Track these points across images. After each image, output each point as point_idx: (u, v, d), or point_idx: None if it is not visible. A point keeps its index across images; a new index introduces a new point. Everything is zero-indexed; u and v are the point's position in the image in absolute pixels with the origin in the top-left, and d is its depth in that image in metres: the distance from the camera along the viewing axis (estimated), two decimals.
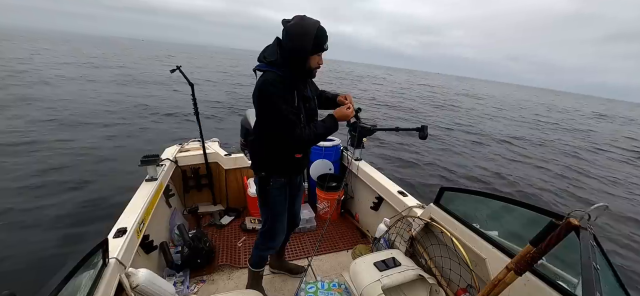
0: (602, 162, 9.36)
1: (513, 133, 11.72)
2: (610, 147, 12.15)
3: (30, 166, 5.01)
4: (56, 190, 4.33)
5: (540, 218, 1.20)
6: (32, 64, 17.90)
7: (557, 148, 10.30)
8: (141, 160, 2.22)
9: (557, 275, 1.18)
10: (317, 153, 2.89)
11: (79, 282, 1.07)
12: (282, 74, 1.32)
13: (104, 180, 4.72)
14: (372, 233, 2.55)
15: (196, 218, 2.68)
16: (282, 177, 1.57)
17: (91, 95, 10.87)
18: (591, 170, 8.00)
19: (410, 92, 26.66)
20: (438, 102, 19.98)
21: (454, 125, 11.70)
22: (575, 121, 21.06)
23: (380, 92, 21.70)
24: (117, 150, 6.17)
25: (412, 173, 5.88)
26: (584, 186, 6.64)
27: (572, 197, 5.90)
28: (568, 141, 12.06)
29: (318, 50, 1.32)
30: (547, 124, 16.87)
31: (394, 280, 1.49)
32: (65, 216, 3.69)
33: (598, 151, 10.99)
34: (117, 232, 1.56)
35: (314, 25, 1.26)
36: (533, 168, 7.33)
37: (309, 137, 1.39)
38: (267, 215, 1.67)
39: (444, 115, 14.33)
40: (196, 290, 1.99)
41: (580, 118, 24.13)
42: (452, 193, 1.68)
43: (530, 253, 0.83)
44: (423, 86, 37.01)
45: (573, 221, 0.76)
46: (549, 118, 19.84)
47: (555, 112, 26.25)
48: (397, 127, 2.50)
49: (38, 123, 7.12)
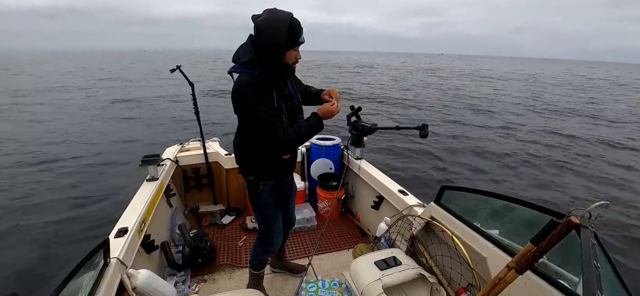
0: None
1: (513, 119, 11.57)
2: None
3: (30, 165, 5.03)
4: (56, 189, 4.34)
5: (541, 217, 1.20)
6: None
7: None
8: (142, 160, 2.22)
9: (558, 274, 1.18)
10: (318, 152, 2.89)
11: (80, 282, 1.08)
12: (258, 74, 1.23)
13: (105, 180, 4.73)
14: (372, 232, 2.55)
15: (197, 218, 2.69)
16: (271, 178, 1.51)
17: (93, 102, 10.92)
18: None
19: (410, 78, 25.89)
20: (440, 89, 19.32)
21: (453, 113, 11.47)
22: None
23: (372, 85, 20.82)
24: (117, 150, 6.18)
25: (412, 173, 5.88)
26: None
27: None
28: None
29: (293, 44, 1.22)
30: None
31: (395, 279, 1.49)
32: (66, 216, 3.71)
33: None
34: (118, 232, 1.56)
35: (286, 18, 1.16)
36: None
37: (292, 138, 1.31)
38: (261, 219, 1.63)
39: (444, 102, 13.96)
40: (197, 290, 2.00)
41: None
42: (452, 192, 1.67)
43: (531, 251, 0.83)
44: (427, 71, 35.94)
45: (574, 219, 0.76)
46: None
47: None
48: (398, 126, 2.50)
49: (37, 123, 7.14)
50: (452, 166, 6.37)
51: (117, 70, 27.22)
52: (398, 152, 6.96)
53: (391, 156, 6.70)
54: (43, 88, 14.82)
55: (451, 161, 6.61)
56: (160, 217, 2.22)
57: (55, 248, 3.13)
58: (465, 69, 41.10)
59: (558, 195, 5.28)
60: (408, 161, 6.52)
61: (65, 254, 3.05)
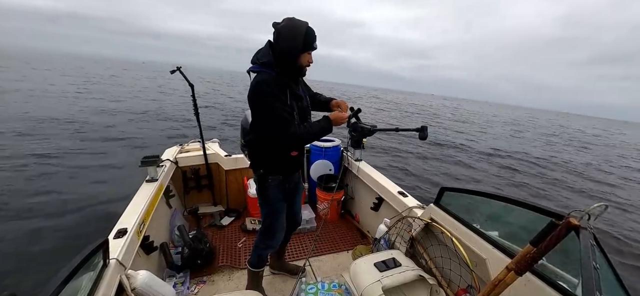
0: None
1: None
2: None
3: (29, 166, 5.02)
4: (56, 189, 4.33)
5: (540, 219, 1.20)
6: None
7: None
8: (141, 161, 2.22)
9: (557, 275, 1.18)
10: (318, 153, 2.89)
11: (79, 283, 1.07)
12: (274, 74, 1.37)
13: (104, 181, 4.72)
14: (372, 234, 2.55)
15: (196, 219, 2.68)
16: (280, 174, 1.61)
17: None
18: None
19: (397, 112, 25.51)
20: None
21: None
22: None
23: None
24: (117, 150, 6.17)
25: (412, 175, 5.88)
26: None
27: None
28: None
29: (308, 48, 1.38)
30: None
31: (394, 281, 1.49)
32: (65, 216, 3.69)
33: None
34: (117, 233, 1.56)
35: (303, 25, 1.33)
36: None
37: (304, 135, 1.42)
38: (266, 213, 1.70)
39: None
40: (196, 291, 1.99)
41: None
42: (452, 194, 1.68)
43: (531, 253, 0.83)
44: (413, 106, 35.75)
45: (573, 221, 0.76)
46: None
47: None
48: (397, 128, 2.49)
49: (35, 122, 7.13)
50: (452, 167, 6.38)
51: (116, 75, 27.11)
52: (397, 153, 6.97)
53: (391, 158, 6.71)
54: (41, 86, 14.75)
55: (451, 162, 6.62)
56: (159, 218, 2.22)
57: (54, 248, 3.11)
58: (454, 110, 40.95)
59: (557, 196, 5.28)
60: (408, 163, 6.52)
61: (64, 254, 3.04)
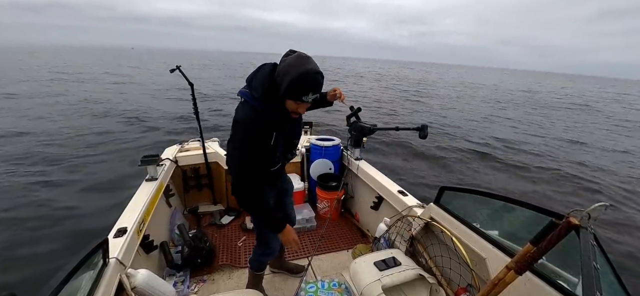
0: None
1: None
2: None
3: (30, 165, 5.02)
4: (55, 189, 4.33)
5: (540, 218, 1.20)
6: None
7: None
8: (141, 159, 2.22)
9: (557, 275, 1.18)
10: (318, 152, 2.89)
11: (79, 282, 1.07)
12: (261, 110, 1.22)
13: (104, 180, 4.72)
14: (372, 233, 2.55)
15: (196, 218, 2.69)
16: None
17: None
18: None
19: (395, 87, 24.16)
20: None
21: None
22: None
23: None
24: (117, 150, 6.17)
25: (412, 174, 5.88)
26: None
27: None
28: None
29: (293, 98, 1.17)
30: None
31: (394, 280, 1.49)
32: (65, 216, 3.70)
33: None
34: (117, 232, 1.56)
35: (299, 68, 1.12)
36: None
37: (250, 197, 1.29)
38: (255, 222, 1.66)
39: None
40: (196, 290, 2.00)
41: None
42: (452, 193, 1.68)
43: (531, 252, 0.83)
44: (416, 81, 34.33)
45: (573, 220, 0.76)
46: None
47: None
48: (397, 127, 2.50)
49: (38, 122, 7.13)
50: (452, 167, 6.38)
51: (108, 67, 27.00)
52: (397, 152, 6.97)
53: (390, 157, 6.71)
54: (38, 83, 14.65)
55: (451, 162, 6.62)
56: (159, 217, 2.22)
57: (54, 248, 3.11)
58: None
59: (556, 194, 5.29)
60: (407, 162, 6.52)
61: (64, 254, 3.05)
